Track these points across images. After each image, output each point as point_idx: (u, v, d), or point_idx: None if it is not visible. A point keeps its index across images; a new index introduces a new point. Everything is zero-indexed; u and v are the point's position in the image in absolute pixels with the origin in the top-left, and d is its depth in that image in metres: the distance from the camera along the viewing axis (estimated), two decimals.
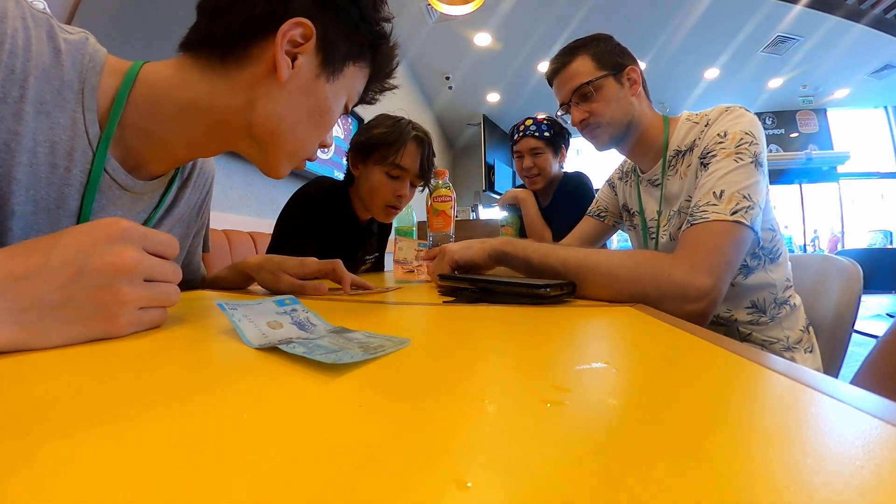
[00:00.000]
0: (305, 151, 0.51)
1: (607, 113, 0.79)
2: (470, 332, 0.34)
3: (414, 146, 1.01)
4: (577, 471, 0.11)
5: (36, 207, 0.40)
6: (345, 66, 0.49)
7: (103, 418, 0.15)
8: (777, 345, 0.73)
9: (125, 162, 0.46)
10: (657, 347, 0.29)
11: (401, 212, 1.06)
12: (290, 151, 0.49)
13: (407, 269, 0.99)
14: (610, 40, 0.82)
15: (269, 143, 0.48)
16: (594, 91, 0.79)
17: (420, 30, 3.78)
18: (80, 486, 0.10)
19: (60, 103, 0.39)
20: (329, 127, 0.51)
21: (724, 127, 0.66)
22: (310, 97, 0.47)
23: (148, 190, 0.50)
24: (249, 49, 0.44)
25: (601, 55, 0.79)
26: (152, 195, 0.52)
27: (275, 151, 0.49)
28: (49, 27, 0.38)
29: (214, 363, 0.23)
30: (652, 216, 0.84)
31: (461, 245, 0.66)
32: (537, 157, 1.43)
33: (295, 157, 0.51)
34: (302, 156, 0.51)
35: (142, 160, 0.47)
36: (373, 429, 0.14)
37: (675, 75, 4.75)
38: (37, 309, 0.23)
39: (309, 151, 0.52)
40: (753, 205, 0.57)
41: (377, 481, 0.11)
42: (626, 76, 0.79)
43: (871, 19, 3.68)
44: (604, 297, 0.52)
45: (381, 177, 1.01)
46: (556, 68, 0.84)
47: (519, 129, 1.46)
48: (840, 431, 0.14)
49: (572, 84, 0.80)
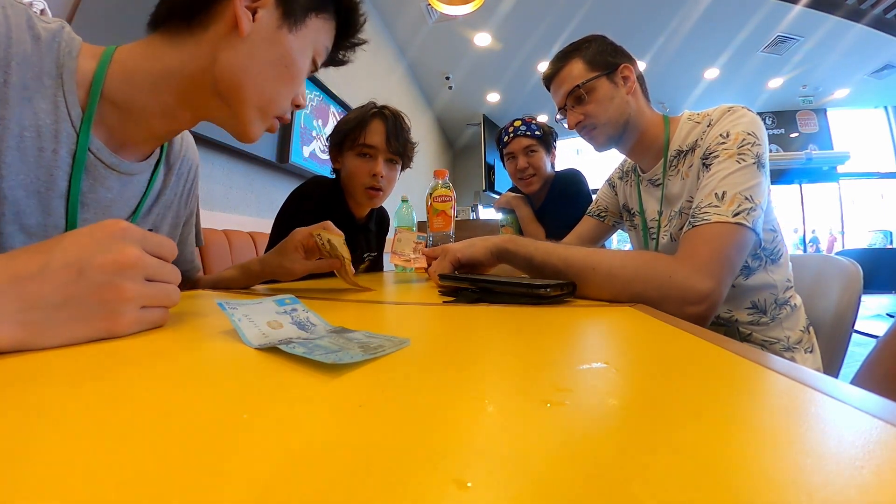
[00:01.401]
0: (274, 106, 0.51)
1: (602, 113, 0.79)
2: (470, 332, 0.34)
3: (378, 123, 1.02)
4: (578, 471, 0.11)
5: (27, 191, 0.41)
6: (307, 17, 0.50)
7: (103, 418, 0.15)
8: (777, 345, 0.73)
9: (109, 142, 0.47)
10: (657, 347, 0.29)
11: (385, 197, 1.07)
12: (257, 105, 0.50)
13: (404, 258, 1.01)
14: (602, 41, 0.82)
15: (234, 98, 0.48)
16: (587, 93, 0.79)
17: (420, 30, 3.78)
18: (80, 487, 0.10)
19: (41, 89, 0.41)
20: (296, 80, 0.52)
21: (727, 127, 0.66)
22: (272, 47, 0.48)
23: (135, 171, 0.51)
24: (211, 10, 0.46)
25: (593, 56, 0.80)
26: (140, 179, 0.53)
27: (241, 105, 0.49)
28: (27, 16, 0.40)
29: (214, 363, 0.23)
30: (653, 216, 0.84)
31: (463, 244, 0.66)
32: (531, 156, 1.40)
33: (264, 112, 0.51)
34: (271, 111, 0.51)
35: (124, 139, 0.49)
36: (373, 429, 0.14)
37: (675, 75, 4.75)
38: (39, 309, 0.23)
39: (278, 107, 0.52)
40: (755, 206, 0.57)
41: (377, 481, 0.11)
42: (620, 75, 0.79)
43: (871, 19, 3.68)
44: (604, 297, 0.52)
45: (354, 160, 1.02)
46: (550, 75, 0.85)
47: (508, 131, 1.44)
48: (840, 431, 0.14)
49: (565, 88, 0.81)
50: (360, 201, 1.06)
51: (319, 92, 2.44)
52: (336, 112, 2.67)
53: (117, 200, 0.51)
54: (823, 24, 3.82)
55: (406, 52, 4.13)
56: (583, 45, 0.82)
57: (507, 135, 1.44)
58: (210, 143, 1.64)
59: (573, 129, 0.84)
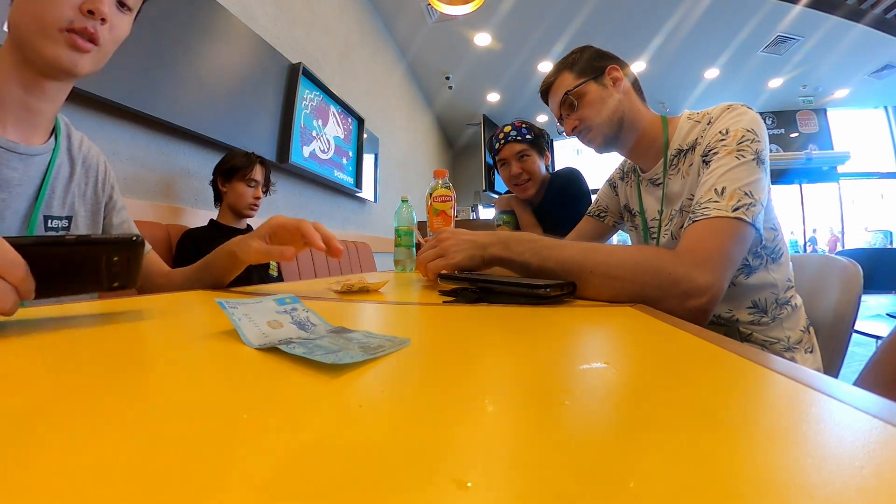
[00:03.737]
0: (50, 18, 0.52)
1: (595, 115, 0.81)
2: (470, 332, 0.34)
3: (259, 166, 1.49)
4: (577, 471, 0.11)
5: None
6: None
7: (103, 418, 0.15)
8: (777, 345, 0.73)
9: (6, 133, 0.56)
10: (657, 347, 0.29)
11: None
12: (35, 28, 0.52)
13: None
14: (587, 49, 0.86)
15: (18, 34, 0.53)
16: (577, 98, 0.82)
17: (420, 30, 3.78)
18: (80, 487, 0.10)
19: None
20: None
21: (726, 124, 0.66)
22: None
23: (34, 153, 0.59)
24: None
25: (580, 65, 0.83)
26: (41, 160, 0.60)
27: (26, 36, 0.53)
28: None
29: (214, 363, 0.23)
30: (653, 216, 0.84)
31: (454, 244, 0.63)
32: (524, 160, 1.38)
33: (44, 30, 0.52)
34: (48, 24, 0.52)
35: (16, 126, 0.57)
36: (373, 429, 0.14)
37: (675, 75, 4.75)
38: None
39: (54, 18, 0.52)
40: (755, 202, 0.57)
41: (377, 481, 0.11)
42: (608, 76, 0.81)
43: (871, 19, 3.69)
44: (604, 297, 0.52)
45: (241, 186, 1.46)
46: (545, 90, 0.90)
47: (499, 138, 1.42)
48: (840, 431, 0.14)
49: (557, 98, 0.85)
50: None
51: (319, 92, 2.43)
52: (336, 112, 2.67)
53: (24, 178, 0.58)
54: (823, 24, 3.83)
55: (406, 52, 4.14)
56: (570, 58, 0.86)
57: (498, 141, 1.42)
58: (210, 142, 1.64)
59: (571, 135, 0.86)
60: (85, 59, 0.56)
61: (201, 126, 1.57)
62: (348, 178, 2.83)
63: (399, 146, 4.11)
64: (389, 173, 3.77)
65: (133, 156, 1.36)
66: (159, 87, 1.39)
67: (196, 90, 1.56)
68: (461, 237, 0.64)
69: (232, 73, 1.75)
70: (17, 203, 0.57)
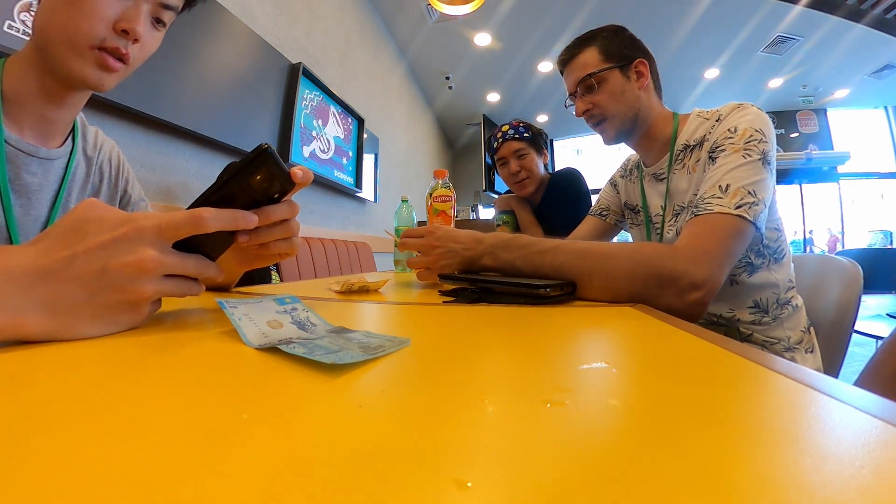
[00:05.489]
0: (82, 36, 0.49)
1: (611, 106, 0.79)
2: (470, 332, 0.34)
3: None
4: (577, 471, 0.11)
5: None
6: None
7: (103, 418, 0.15)
8: (778, 345, 0.73)
9: (22, 134, 0.55)
10: (657, 347, 0.28)
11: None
12: (62, 41, 0.49)
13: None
14: (622, 32, 0.82)
15: (43, 42, 0.51)
16: (598, 83, 0.79)
17: (420, 30, 3.78)
18: (80, 487, 0.10)
19: None
20: (91, 2, 0.49)
21: (735, 123, 0.66)
22: None
23: (53, 156, 0.58)
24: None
25: (609, 47, 0.80)
26: (60, 164, 0.59)
27: (51, 47, 0.50)
28: None
29: (214, 363, 0.23)
30: (656, 211, 0.84)
31: (443, 255, 0.61)
32: (522, 158, 1.40)
33: (74, 46, 0.49)
34: (80, 42, 0.49)
35: (33, 129, 0.56)
36: (373, 429, 0.14)
37: (675, 75, 4.74)
38: (67, 302, 0.25)
39: (87, 35, 0.49)
40: (758, 201, 0.58)
41: (377, 481, 0.11)
42: (634, 69, 0.79)
43: (871, 19, 3.68)
44: (604, 298, 0.52)
45: None
46: (565, 59, 0.84)
47: (497, 137, 1.43)
48: (840, 431, 0.14)
49: (577, 75, 0.81)
50: None
51: (319, 92, 2.44)
52: (336, 112, 2.67)
53: (44, 184, 0.57)
54: (823, 24, 3.83)
55: (406, 52, 4.13)
56: (601, 34, 0.81)
57: (496, 140, 1.43)
58: (210, 142, 1.64)
59: (580, 116, 0.83)
60: (112, 78, 0.53)
61: (201, 126, 1.57)
62: (348, 178, 2.83)
63: (399, 146, 4.11)
64: (389, 173, 3.77)
65: (133, 156, 1.36)
66: (159, 87, 1.39)
67: (196, 90, 1.56)
68: (450, 244, 0.61)
69: (232, 72, 1.75)
70: (36, 209, 0.56)
